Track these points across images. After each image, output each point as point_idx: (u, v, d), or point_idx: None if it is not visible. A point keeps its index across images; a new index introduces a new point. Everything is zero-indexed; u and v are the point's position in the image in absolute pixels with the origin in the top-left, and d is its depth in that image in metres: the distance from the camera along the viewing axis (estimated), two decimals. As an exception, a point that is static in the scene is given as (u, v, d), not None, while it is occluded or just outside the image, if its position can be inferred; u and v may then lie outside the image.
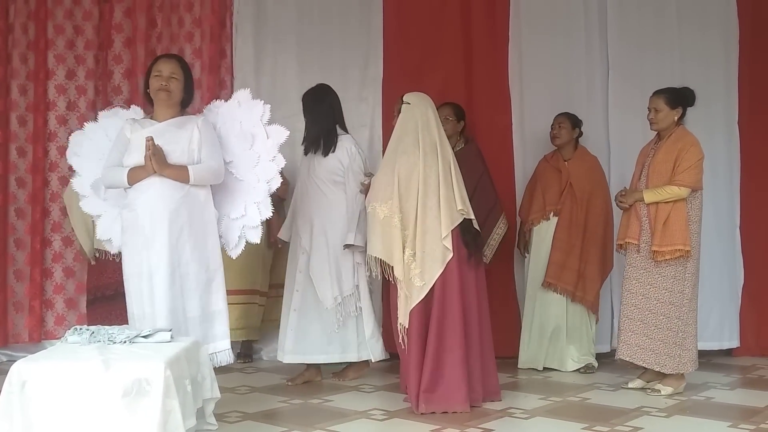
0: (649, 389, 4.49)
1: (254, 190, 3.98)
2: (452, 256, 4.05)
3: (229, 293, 4.02)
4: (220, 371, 3.83)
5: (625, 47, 5.77)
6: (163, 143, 3.75)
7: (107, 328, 3.34)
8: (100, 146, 4.05)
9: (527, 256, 5.35)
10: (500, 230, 5.26)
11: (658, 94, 4.57)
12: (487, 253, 5.19)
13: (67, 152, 4.21)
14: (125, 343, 3.20)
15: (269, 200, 4.00)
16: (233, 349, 3.96)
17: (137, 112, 4.12)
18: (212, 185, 3.91)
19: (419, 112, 4.25)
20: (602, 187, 5.24)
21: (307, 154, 4.71)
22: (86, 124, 4.21)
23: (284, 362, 4.69)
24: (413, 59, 5.71)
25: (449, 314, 4.06)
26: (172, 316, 3.71)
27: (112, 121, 4.10)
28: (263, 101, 4.09)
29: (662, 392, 4.40)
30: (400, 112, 4.31)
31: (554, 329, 5.16)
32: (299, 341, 4.62)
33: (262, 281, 5.37)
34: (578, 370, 5.11)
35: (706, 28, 5.81)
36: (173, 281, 3.73)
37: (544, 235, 5.24)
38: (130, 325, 3.73)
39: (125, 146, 3.84)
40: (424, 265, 4.06)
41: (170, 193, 3.76)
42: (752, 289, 5.76)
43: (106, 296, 4.84)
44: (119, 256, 4.20)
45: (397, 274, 4.07)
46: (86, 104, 5.54)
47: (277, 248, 5.24)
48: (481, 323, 4.20)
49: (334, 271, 4.59)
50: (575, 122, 5.28)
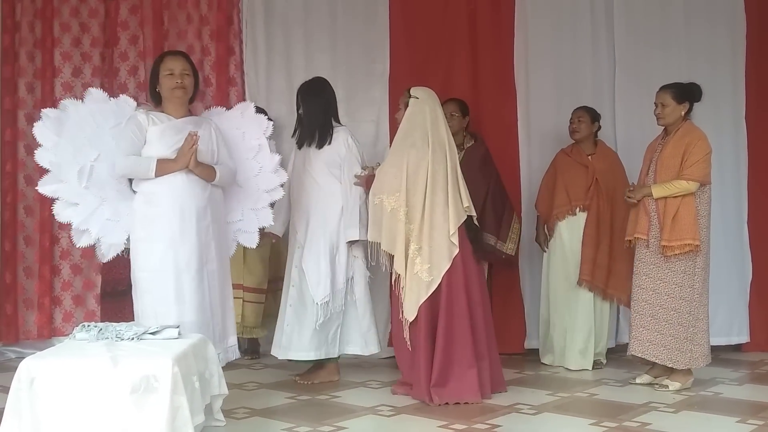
0: (656, 385, 4.48)
1: (252, 197, 4.12)
2: (458, 251, 4.10)
3: (237, 288, 4.09)
4: (227, 367, 3.84)
5: (631, 43, 5.75)
6: (181, 139, 3.77)
7: (115, 324, 3.35)
8: (85, 131, 3.87)
9: (546, 250, 5.27)
10: (516, 226, 5.23)
11: (664, 89, 4.55)
12: (511, 246, 5.14)
13: (37, 128, 3.83)
14: (133, 339, 3.21)
15: (269, 210, 4.14)
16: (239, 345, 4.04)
17: (126, 101, 4.02)
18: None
19: (428, 107, 4.27)
20: (624, 182, 5.12)
21: (301, 147, 4.66)
22: (63, 102, 3.93)
23: (279, 358, 4.67)
24: (419, 55, 5.70)
25: (456, 308, 4.11)
26: (201, 313, 3.75)
27: (100, 106, 3.94)
28: (267, 116, 4.25)
29: (670, 388, 4.40)
30: (407, 105, 4.31)
31: (581, 326, 5.07)
32: (294, 337, 4.57)
33: (261, 278, 5.37)
34: (584, 367, 5.08)
35: (713, 23, 5.77)
36: (201, 278, 3.78)
37: (568, 230, 5.15)
38: (140, 321, 3.66)
39: (143, 135, 3.81)
40: (432, 260, 4.09)
41: (197, 190, 3.80)
42: (761, 284, 5.73)
43: (118, 291, 4.84)
44: (126, 251, 4.15)
45: (396, 266, 4.10)
46: (93, 102, 5.54)
47: (272, 243, 5.20)
48: (485, 316, 4.26)
49: (327, 264, 4.52)
50: (594, 116, 5.23)
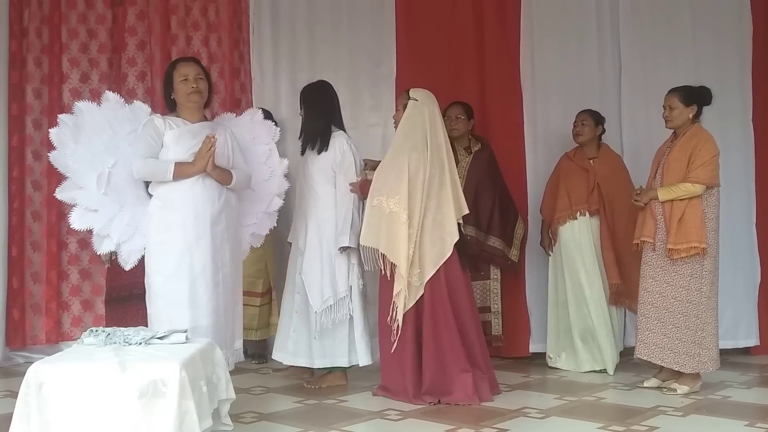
0: (665, 388, 4.46)
1: (264, 201, 4.20)
2: (446, 258, 4.13)
3: (246, 295, 4.13)
4: (234, 372, 3.85)
5: (637, 48, 5.73)
6: (198, 143, 3.80)
7: (123, 329, 3.35)
8: (102, 137, 3.91)
9: (551, 254, 5.27)
10: (519, 231, 5.27)
11: (672, 91, 4.55)
12: (515, 252, 5.24)
13: (54, 133, 3.88)
14: (141, 344, 3.22)
15: (277, 213, 4.28)
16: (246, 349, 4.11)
17: (141, 107, 4.07)
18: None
19: (427, 109, 4.25)
20: (628, 186, 5.09)
21: (303, 153, 4.64)
22: (78, 105, 3.99)
23: (285, 364, 4.71)
24: (426, 58, 5.69)
25: (441, 315, 4.11)
26: (215, 317, 3.77)
27: (116, 113, 3.97)
28: (275, 122, 4.34)
29: (678, 391, 4.38)
30: (405, 106, 4.29)
31: (588, 330, 5.06)
32: (300, 343, 4.59)
33: (254, 281, 5.35)
34: (593, 369, 5.09)
35: (719, 28, 5.76)
36: (216, 283, 3.80)
37: (571, 234, 5.15)
38: (159, 327, 3.63)
39: (160, 139, 3.83)
40: (421, 265, 4.11)
41: (214, 195, 3.83)
42: (770, 287, 5.71)
43: (122, 297, 4.85)
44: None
45: (402, 271, 4.07)
46: (101, 107, 5.56)
47: (272, 248, 5.29)
48: (475, 323, 4.26)
49: (327, 272, 4.48)
50: (598, 119, 5.23)
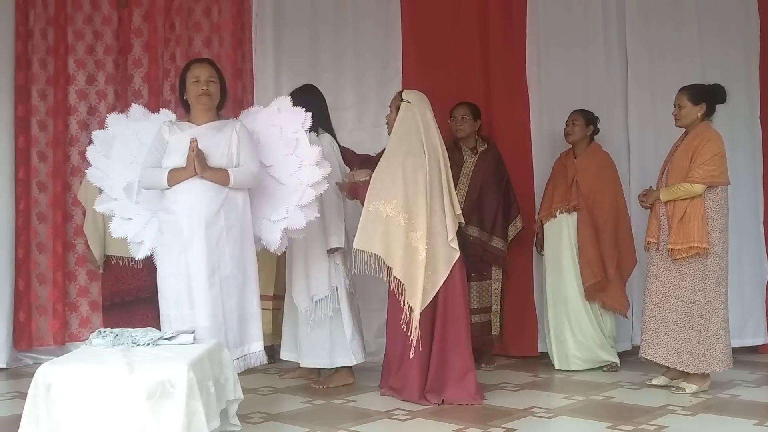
0: (673, 387, 4.46)
1: (295, 193, 4.02)
2: (458, 256, 4.15)
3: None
4: (243, 372, 3.84)
5: (644, 48, 5.74)
6: (203, 146, 3.79)
7: (131, 330, 3.36)
8: (131, 149, 4.05)
9: (543, 254, 5.32)
10: (512, 230, 5.29)
11: (682, 90, 4.55)
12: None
13: (90, 151, 4.13)
14: (149, 345, 3.22)
15: (315, 204, 4.08)
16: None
17: (168, 114, 4.14)
18: (250, 189, 3.94)
19: (419, 112, 4.25)
20: (612, 183, 5.17)
21: None
22: (110, 117, 4.17)
23: (302, 365, 4.71)
24: (431, 58, 5.69)
25: (453, 314, 4.16)
26: (212, 318, 3.74)
27: (143, 125, 4.10)
28: (305, 109, 4.11)
29: (687, 390, 4.37)
30: (398, 108, 4.29)
31: (575, 328, 5.11)
32: (304, 343, 4.63)
33: (266, 284, 5.34)
34: (601, 368, 5.09)
35: (726, 27, 5.76)
36: (213, 284, 3.77)
37: (555, 233, 5.20)
38: (163, 327, 3.74)
39: (164, 148, 3.86)
40: (434, 266, 4.12)
41: (210, 195, 3.79)
42: (778, 285, 5.69)
43: (126, 301, 4.84)
44: (138, 261, 4.27)
45: (396, 273, 4.09)
46: (107, 109, 5.53)
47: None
48: (468, 321, 4.33)
49: (311, 272, 4.52)
50: (589, 119, 5.23)
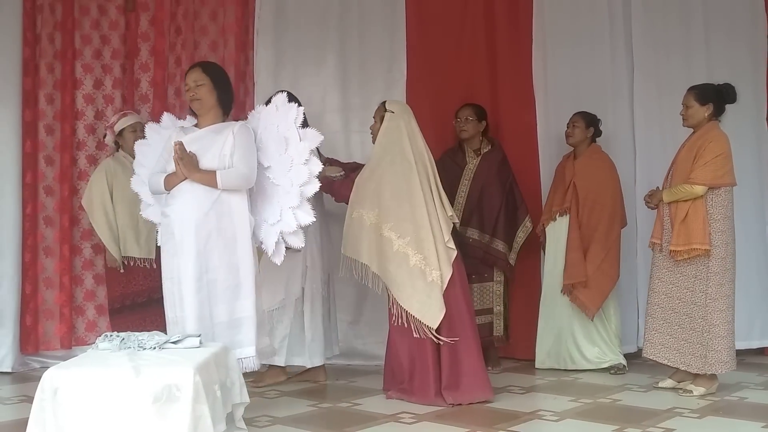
0: (680, 390, 4.44)
1: (288, 195, 3.92)
2: (456, 254, 4.24)
3: None
4: (249, 375, 3.85)
5: (650, 47, 5.71)
6: (197, 149, 3.81)
7: (137, 334, 3.37)
8: (157, 155, 4.09)
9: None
10: (522, 233, 5.27)
11: (690, 90, 4.54)
12: (512, 256, 5.25)
13: (133, 163, 4.37)
14: (155, 349, 3.23)
15: (308, 205, 3.94)
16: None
17: (191, 120, 4.13)
18: (252, 191, 3.94)
19: (403, 121, 4.38)
20: (611, 186, 5.15)
21: None
22: (147, 126, 4.33)
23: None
24: (437, 61, 5.69)
25: (456, 310, 4.21)
26: (199, 321, 3.74)
27: (169, 132, 4.11)
28: (298, 104, 4.02)
29: (694, 393, 4.36)
30: (383, 118, 4.39)
31: (562, 328, 5.14)
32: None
33: None
34: (608, 371, 5.07)
35: (732, 25, 5.73)
36: (200, 287, 3.77)
37: (553, 235, 5.22)
38: (168, 328, 3.81)
39: (167, 154, 3.91)
40: (440, 266, 4.18)
41: (200, 199, 3.80)
42: (784, 286, 5.66)
43: (137, 303, 4.85)
44: (150, 262, 4.35)
45: (385, 280, 4.19)
46: (114, 113, 5.53)
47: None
48: (471, 317, 4.38)
49: (281, 273, 4.52)
50: (590, 121, 5.22)
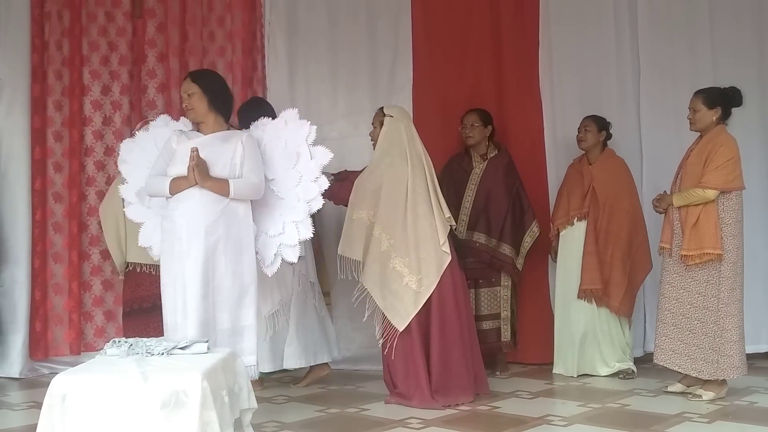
0: (690, 394, 4.42)
1: (294, 209, 4.01)
2: (449, 260, 4.28)
3: None
4: (256, 381, 3.85)
5: (656, 44, 5.71)
6: (206, 156, 3.79)
7: (145, 340, 3.36)
8: (149, 155, 4.11)
9: (556, 261, 5.31)
10: (529, 237, 5.26)
11: (697, 94, 4.52)
12: (520, 260, 5.24)
13: (117, 159, 4.33)
14: (163, 355, 3.23)
15: (309, 221, 4.02)
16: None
17: (186, 123, 4.18)
18: (253, 201, 3.93)
19: (403, 125, 4.47)
20: (628, 190, 5.15)
21: None
22: (137, 132, 4.34)
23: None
24: (443, 65, 5.69)
25: (447, 315, 4.29)
26: (202, 328, 3.73)
27: (161, 131, 4.17)
28: (310, 122, 4.12)
29: (704, 397, 4.34)
30: (382, 123, 4.48)
31: (583, 335, 5.10)
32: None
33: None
34: (617, 375, 5.05)
35: (738, 19, 5.72)
36: (206, 294, 3.76)
37: (569, 240, 5.18)
38: (166, 335, 3.77)
39: (171, 156, 3.88)
40: (421, 271, 4.24)
41: (209, 205, 3.79)
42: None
43: (144, 308, 4.86)
44: (156, 268, 4.31)
45: (364, 280, 4.32)
46: (121, 119, 5.59)
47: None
48: (469, 320, 4.48)
49: (269, 280, 4.47)
50: (602, 125, 5.21)
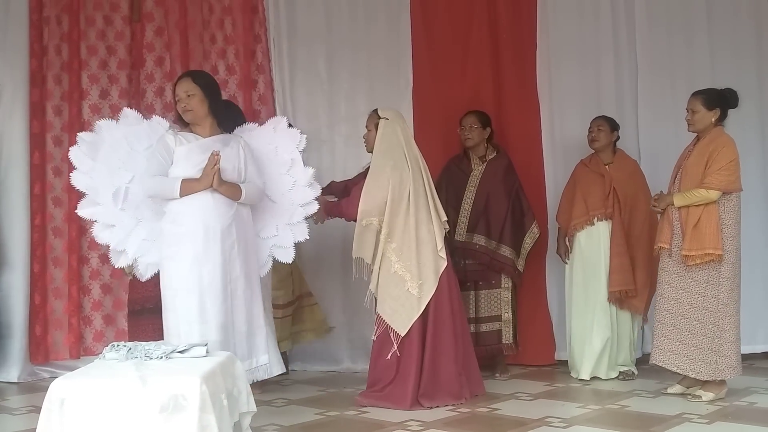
0: (689, 395, 4.42)
1: (287, 212, 4.13)
2: (446, 265, 4.31)
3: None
4: (256, 384, 3.85)
5: (653, 55, 5.73)
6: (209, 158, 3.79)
7: (144, 344, 3.36)
8: (119, 153, 3.99)
9: (567, 262, 5.23)
10: (529, 239, 5.24)
11: (695, 95, 4.51)
12: (520, 262, 5.22)
13: (73, 152, 4.01)
14: (161, 358, 3.23)
15: (305, 224, 4.16)
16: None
17: (159, 122, 4.13)
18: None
19: (399, 127, 4.45)
20: (645, 190, 5.11)
21: None
22: (98, 123, 4.09)
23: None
24: (442, 67, 5.70)
25: (442, 320, 4.30)
26: (223, 331, 3.76)
27: (134, 129, 4.05)
28: (300, 130, 4.26)
29: (703, 398, 4.34)
30: (377, 126, 4.44)
31: (607, 339, 5.01)
32: None
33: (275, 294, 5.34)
34: (617, 376, 5.05)
35: (736, 32, 5.74)
36: (225, 297, 3.79)
37: (588, 240, 5.11)
38: (167, 340, 3.72)
39: (170, 156, 3.84)
40: (422, 276, 4.24)
41: (223, 209, 3.81)
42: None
43: (146, 309, 4.86)
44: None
45: (372, 286, 4.33)
46: (120, 123, 5.60)
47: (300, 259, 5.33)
48: (462, 323, 4.47)
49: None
50: (613, 125, 5.21)
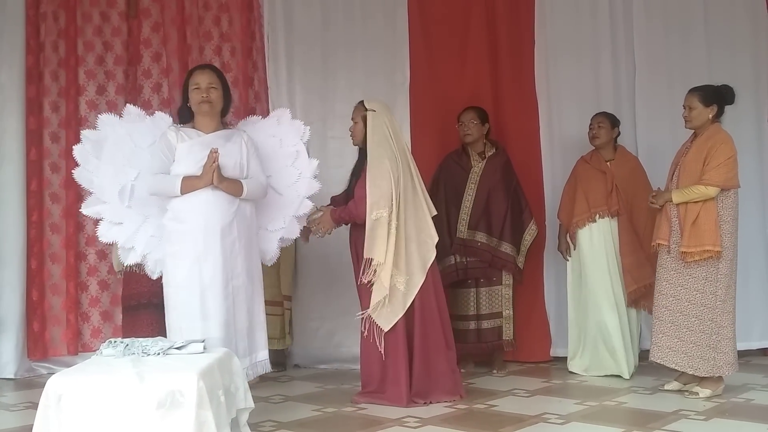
0: (686, 392, 4.43)
1: (293, 204, 4.14)
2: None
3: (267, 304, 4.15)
4: (252, 380, 3.85)
5: (651, 52, 5.73)
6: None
7: (141, 340, 3.37)
8: (124, 151, 4.01)
9: (569, 259, 5.21)
10: (529, 236, 5.25)
11: (692, 91, 4.50)
12: (520, 259, 5.21)
13: (78, 150, 4.04)
14: (159, 355, 3.23)
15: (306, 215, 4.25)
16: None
17: (162, 117, 4.14)
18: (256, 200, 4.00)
19: (387, 119, 4.42)
20: (646, 187, 5.08)
21: None
22: (101, 118, 4.11)
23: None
24: (440, 64, 5.69)
25: (429, 316, 4.29)
26: (225, 328, 3.76)
27: (137, 126, 4.07)
28: (303, 122, 4.29)
29: (700, 395, 4.34)
30: (364, 118, 4.39)
31: (615, 338, 4.99)
32: None
33: (276, 290, 5.35)
34: (610, 373, 5.04)
35: (733, 31, 5.75)
36: (226, 294, 3.79)
37: (589, 237, 5.09)
38: (170, 338, 3.72)
39: (172, 154, 3.84)
40: (408, 271, 4.22)
41: (224, 206, 3.80)
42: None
43: (141, 304, 4.86)
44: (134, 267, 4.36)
45: (384, 279, 4.23)
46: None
47: (300, 255, 5.38)
48: (443, 320, 4.41)
49: None
50: (614, 122, 5.20)
